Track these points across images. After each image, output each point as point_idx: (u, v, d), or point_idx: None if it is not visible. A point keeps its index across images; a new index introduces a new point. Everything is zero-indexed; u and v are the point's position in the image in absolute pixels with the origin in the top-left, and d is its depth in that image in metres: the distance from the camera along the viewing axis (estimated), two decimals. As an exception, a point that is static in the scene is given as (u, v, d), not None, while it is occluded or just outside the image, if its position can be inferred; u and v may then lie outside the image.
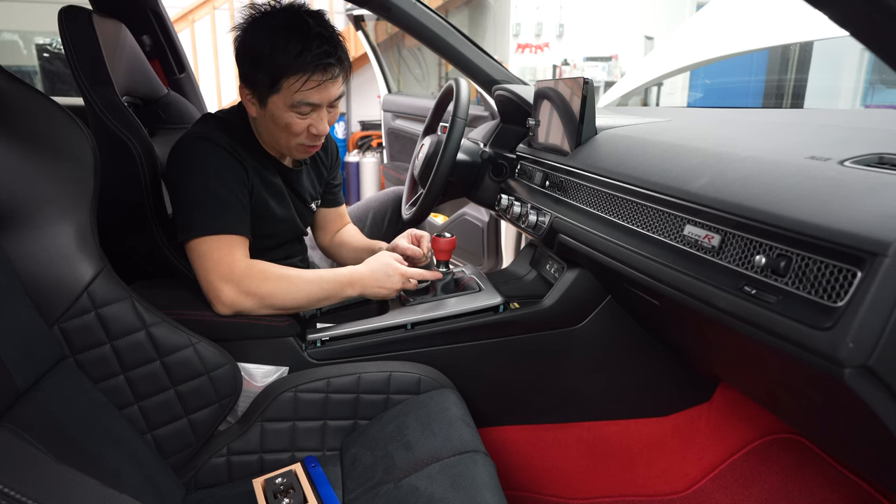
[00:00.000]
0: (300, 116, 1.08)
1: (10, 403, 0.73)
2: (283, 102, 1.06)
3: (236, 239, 1.06)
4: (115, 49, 1.36)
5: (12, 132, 0.84)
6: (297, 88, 1.04)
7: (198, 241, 1.04)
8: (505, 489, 0.88)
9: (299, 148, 1.15)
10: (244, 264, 1.05)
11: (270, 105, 1.08)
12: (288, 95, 1.05)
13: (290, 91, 1.05)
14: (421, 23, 1.50)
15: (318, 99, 1.06)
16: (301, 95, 1.05)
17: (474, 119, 2.34)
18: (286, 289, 1.07)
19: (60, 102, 0.88)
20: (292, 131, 1.10)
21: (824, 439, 0.92)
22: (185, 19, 4.88)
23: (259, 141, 1.19)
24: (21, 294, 0.82)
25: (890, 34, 0.49)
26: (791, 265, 0.61)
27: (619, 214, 0.96)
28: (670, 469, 1.28)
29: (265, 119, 1.11)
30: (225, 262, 1.04)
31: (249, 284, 1.04)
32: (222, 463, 1.02)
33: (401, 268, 1.17)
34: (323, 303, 1.13)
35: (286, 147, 1.15)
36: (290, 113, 1.07)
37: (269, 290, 1.05)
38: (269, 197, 1.19)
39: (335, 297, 1.13)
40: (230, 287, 1.03)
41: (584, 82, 1.13)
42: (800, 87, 6.48)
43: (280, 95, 1.06)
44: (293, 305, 1.09)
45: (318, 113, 1.10)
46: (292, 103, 1.06)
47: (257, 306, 1.06)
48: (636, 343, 1.23)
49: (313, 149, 1.17)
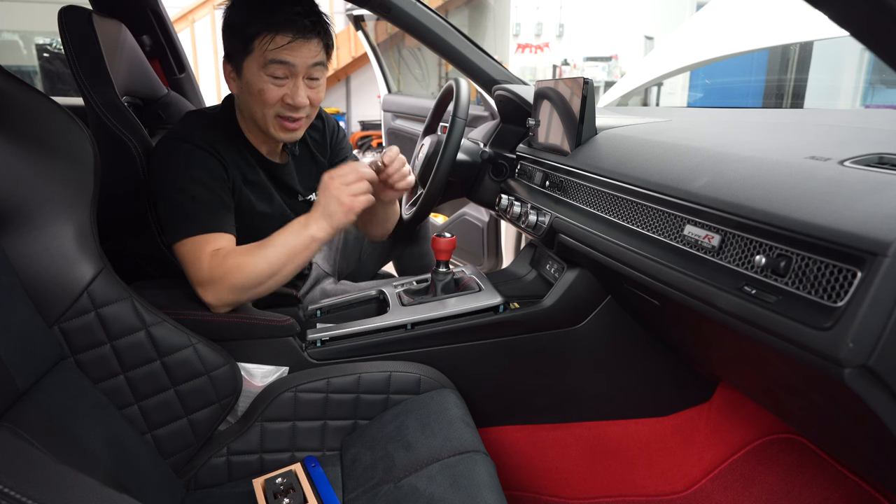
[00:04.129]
0: (274, 82, 1.06)
1: (10, 403, 0.73)
2: (256, 65, 1.05)
3: (210, 238, 1.04)
4: (115, 49, 1.36)
5: (12, 132, 0.84)
6: (267, 46, 1.03)
7: (177, 245, 1.05)
8: (505, 489, 0.88)
9: (276, 123, 1.11)
10: (208, 262, 1.03)
11: (245, 72, 1.07)
12: (260, 55, 1.04)
13: (261, 51, 1.03)
14: (421, 23, 1.50)
15: (289, 58, 1.04)
16: (272, 54, 1.03)
17: (474, 119, 2.34)
18: (250, 264, 1.02)
19: (60, 102, 0.88)
20: (266, 100, 1.07)
21: (824, 439, 0.92)
22: (185, 19, 4.89)
23: (244, 135, 1.17)
24: (21, 294, 0.82)
25: (890, 34, 0.49)
26: (791, 265, 0.61)
27: (619, 214, 0.96)
28: (670, 469, 1.28)
29: (243, 93, 1.10)
30: (196, 265, 1.03)
31: (219, 279, 1.02)
32: (222, 463, 1.02)
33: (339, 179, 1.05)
34: (297, 259, 1.05)
35: (263, 122, 1.11)
36: (263, 77, 1.05)
37: (235, 275, 1.02)
38: (251, 194, 1.17)
39: (301, 246, 1.05)
40: (205, 288, 1.03)
41: (584, 82, 1.13)
42: (800, 87, 6.49)
43: (253, 57, 1.05)
44: (267, 275, 1.03)
45: (293, 80, 1.07)
46: (264, 63, 1.04)
47: (239, 294, 1.03)
48: (636, 343, 1.23)
49: (293, 125, 1.12)
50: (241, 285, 1.03)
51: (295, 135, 1.15)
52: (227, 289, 1.02)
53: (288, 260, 1.04)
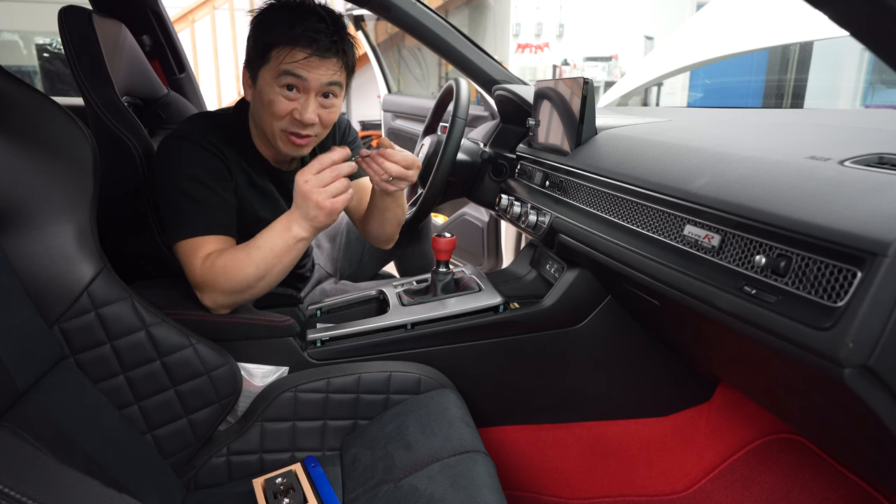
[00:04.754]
0: (285, 95, 1.04)
1: (10, 403, 0.73)
2: (270, 75, 1.04)
3: (205, 241, 1.04)
4: (115, 49, 1.36)
5: (12, 132, 0.84)
6: (283, 58, 1.02)
7: (175, 246, 1.04)
8: (505, 489, 0.88)
9: (283, 136, 1.09)
10: (199, 266, 1.02)
11: (259, 80, 1.06)
12: (275, 66, 1.03)
13: (277, 61, 1.02)
14: (421, 23, 1.50)
15: (303, 73, 1.02)
16: (287, 66, 1.02)
17: (474, 119, 2.34)
18: (237, 268, 1.01)
19: (60, 102, 0.88)
20: (275, 112, 1.05)
21: (824, 439, 0.92)
22: (185, 19, 4.89)
23: (252, 140, 1.17)
24: (21, 294, 0.82)
25: (890, 34, 0.49)
26: (791, 265, 0.61)
27: (619, 214, 0.96)
28: (670, 469, 1.28)
29: (255, 101, 1.09)
30: (190, 268, 1.03)
31: (210, 283, 1.02)
32: (222, 463, 1.02)
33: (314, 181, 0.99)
34: (284, 260, 1.02)
35: (271, 134, 1.09)
36: (275, 88, 1.04)
37: (224, 279, 1.01)
38: (254, 199, 1.16)
39: (286, 247, 1.02)
40: (201, 292, 1.03)
41: (584, 82, 1.13)
42: (800, 87, 6.49)
43: (268, 67, 1.04)
44: (255, 277, 1.01)
45: (305, 97, 1.05)
46: (277, 73, 1.03)
47: (233, 297, 1.03)
48: (636, 343, 1.23)
49: (300, 141, 1.09)
50: (231, 289, 1.02)
51: (301, 151, 1.12)
52: (220, 292, 1.02)
53: (275, 261, 1.02)
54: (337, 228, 1.66)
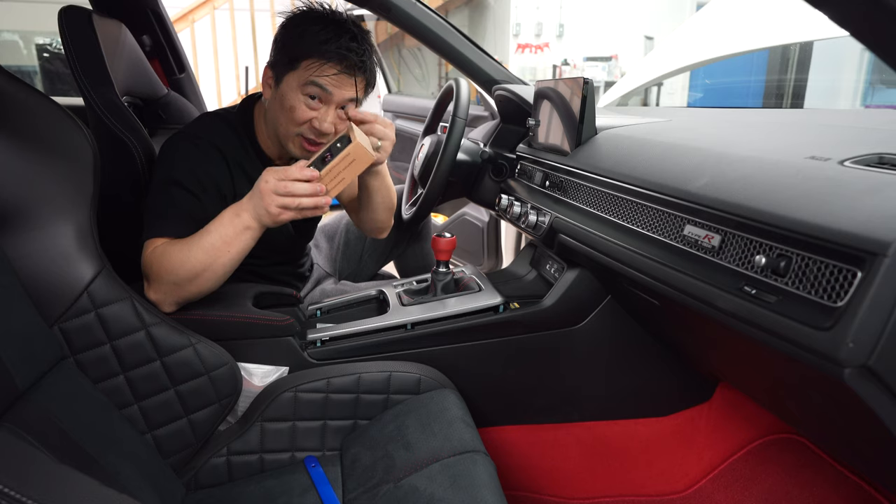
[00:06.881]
0: (308, 103, 1.07)
1: (10, 403, 0.73)
2: (296, 81, 1.06)
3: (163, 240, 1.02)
4: (115, 49, 1.36)
5: (12, 132, 0.84)
6: (312, 70, 1.05)
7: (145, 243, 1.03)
8: (505, 489, 0.88)
9: (297, 141, 1.11)
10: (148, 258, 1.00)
11: (284, 84, 1.08)
12: (303, 74, 1.05)
13: (305, 70, 1.05)
14: (421, 23, 1.50)
15: (330, 86, 1.06)
16: (315, 78, 1.05)
17: (474, 119, 2.34)
18: (181, 253, 0.98)
19: (60, 102, 0.89)
20: (294, 118, 1.08)
21: (824, 439, 0.92)
22: (185, 19, 4.88)
23: (257, 138, 1.18)
24: (21, 294, 0.82)
25: (890, 34, 0.49)
26: (791, 265, 0.61)
27: (619, 214, 0.96)
28: (670, 469, 1.28)
29: (274, 102, 1.10)
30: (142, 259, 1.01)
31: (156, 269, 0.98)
32: (222, 463, 1.02)
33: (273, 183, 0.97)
34: (232, 248, 0.99)
35: (285, 137, 1.12)
36: (299, 96, 1.06)
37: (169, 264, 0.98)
38: None
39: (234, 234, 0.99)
40: (147, 283, 1.00)
41: (584, 82, 1.13)
42: (800, 87, 6.49)
43: (296, 73, 1.06)
44: (200, 265, 0.98)
45: (326, 108, 1.08)
46: (304, 82, 1.05)
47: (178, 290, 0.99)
48: (636, 343, 1.23)
49: (313, 148, 1.12)
50: (174, 279, 0.98)
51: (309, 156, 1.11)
52: (163, 282, 0.98)
53: (224, 248, 0.99)
54: (336, 228, 1.67)
